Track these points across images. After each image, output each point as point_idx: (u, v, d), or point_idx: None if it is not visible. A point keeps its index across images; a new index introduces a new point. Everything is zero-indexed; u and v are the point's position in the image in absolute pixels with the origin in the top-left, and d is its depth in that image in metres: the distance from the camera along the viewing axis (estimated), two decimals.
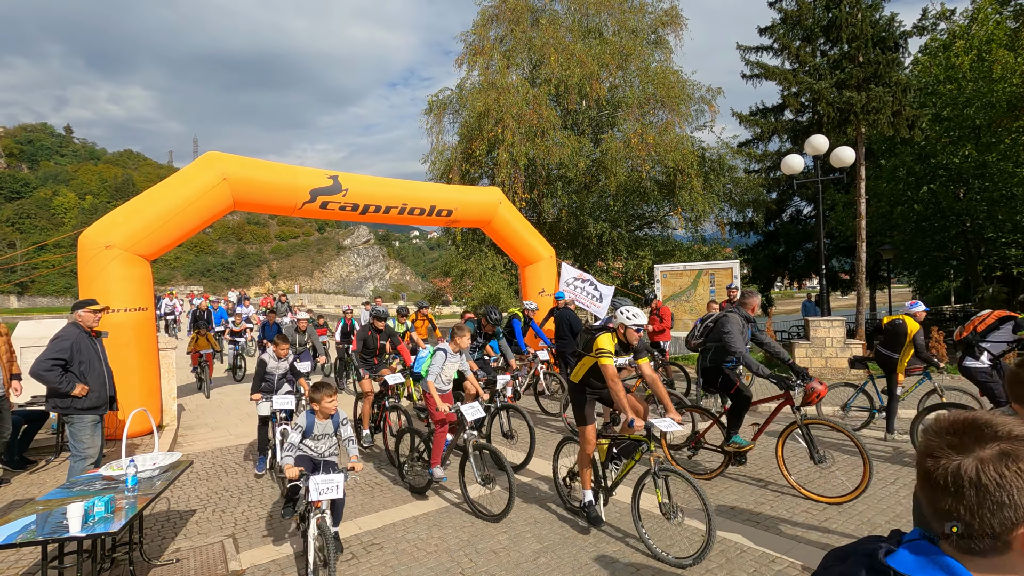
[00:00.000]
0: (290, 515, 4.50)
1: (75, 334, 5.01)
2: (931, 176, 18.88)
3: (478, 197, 11.91)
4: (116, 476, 4.03)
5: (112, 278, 7.30)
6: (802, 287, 30.48)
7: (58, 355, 4.84)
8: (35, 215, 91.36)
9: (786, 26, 19.31)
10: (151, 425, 5.82)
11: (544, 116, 16.68)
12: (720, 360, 5.64)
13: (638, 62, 18.06)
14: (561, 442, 5.18)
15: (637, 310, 4.53)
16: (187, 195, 7.99)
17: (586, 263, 19.16)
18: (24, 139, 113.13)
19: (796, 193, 23.43)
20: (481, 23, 18.94)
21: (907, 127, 16.39)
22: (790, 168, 11.81)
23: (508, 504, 4.73)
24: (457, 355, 5.68)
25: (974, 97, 16.69)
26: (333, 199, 9.58)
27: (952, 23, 19.28)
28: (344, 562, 4.19)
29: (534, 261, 12.50)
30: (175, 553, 4.41)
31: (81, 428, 4.98)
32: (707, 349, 5.86)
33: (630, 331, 4.47)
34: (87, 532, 3.19)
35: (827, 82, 17.30)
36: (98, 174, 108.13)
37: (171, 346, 8.95)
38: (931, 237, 20.34)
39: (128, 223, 7.57)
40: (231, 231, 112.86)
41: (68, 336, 4.97)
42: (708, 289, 12.30)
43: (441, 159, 18.71)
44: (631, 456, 4.46)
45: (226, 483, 6.13)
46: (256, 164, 9.02)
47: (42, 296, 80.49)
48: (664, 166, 17.37)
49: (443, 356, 5.54)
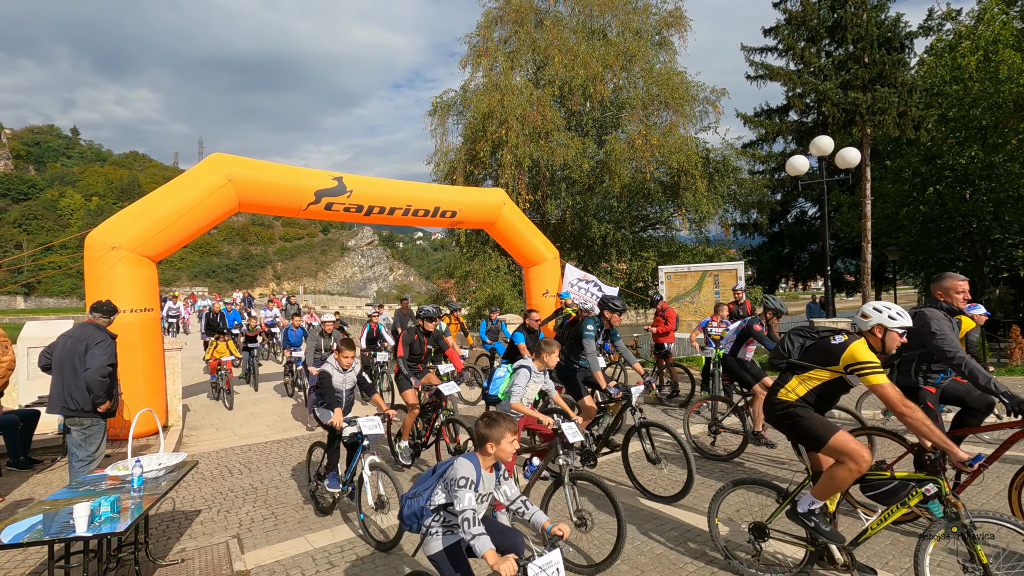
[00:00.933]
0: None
1: (111, 337, 5.03)
2: (937, 177, 18.79)
3: (482, 198, 11.92)
4: (122, 476, 4.05)
5: (118, 279, 7.33)
6: (807, 289, 30.34)
7: (113, 360, 4.90)
8: (42, 216, 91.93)
9: (791, 27, 19.27)
10: (156, 426, 5.85)
11: (548, 117, 16.69)
12: (915, 380, 4.17)
13: (642, 63, 18.04)
14: (723, 489, 3.86)
15: None
16: (192, 197, 8.03)
17: (590, 264, 19.14)
18: (31, 141, 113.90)
19: (801, 194, 23.37)
20: (485, 25, 18.97)
21: (913, 128, 16.33)
22: (795, 169, 11.77)
23: (613, 552, 3.72)
24: (542, 374, 4.85)
25: (980, 98, 16.60)
26: (337, 200, 9.61)
27: (958, 23, 19.19)
28: (348, 563, 4.19)
29: (538, 262, 12.50)
30: (180, 553, 4.42)
31: (99, 431, 4.96)
32: (894, 365, 4.33)
33: None
34: (93, 532, 3.20)
35: (832, 83, 17.25)
36: (104, 175, 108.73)
37: (176, 346, 8.98)
38: (937, 238, 20.23)
39: (134, 224, 7.61)
40: (236, 232, 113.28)
41: (112, 341, 4.99)
42: (712, 291, 12.26)
43: (445, 160, 18.73)
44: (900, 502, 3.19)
45: (231, 484, 6.15)
46: (261, 166, 9.06)
47: (48, 297, 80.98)
48: (668, 167, 17.34)
49: (527, 375, 4.66)
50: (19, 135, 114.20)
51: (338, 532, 4.74)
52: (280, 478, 6.28)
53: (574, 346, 6.26)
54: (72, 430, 4.87)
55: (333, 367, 5.28)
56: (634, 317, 24.24)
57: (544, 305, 11.87)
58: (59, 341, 4.96)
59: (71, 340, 4.91)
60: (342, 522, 4.96)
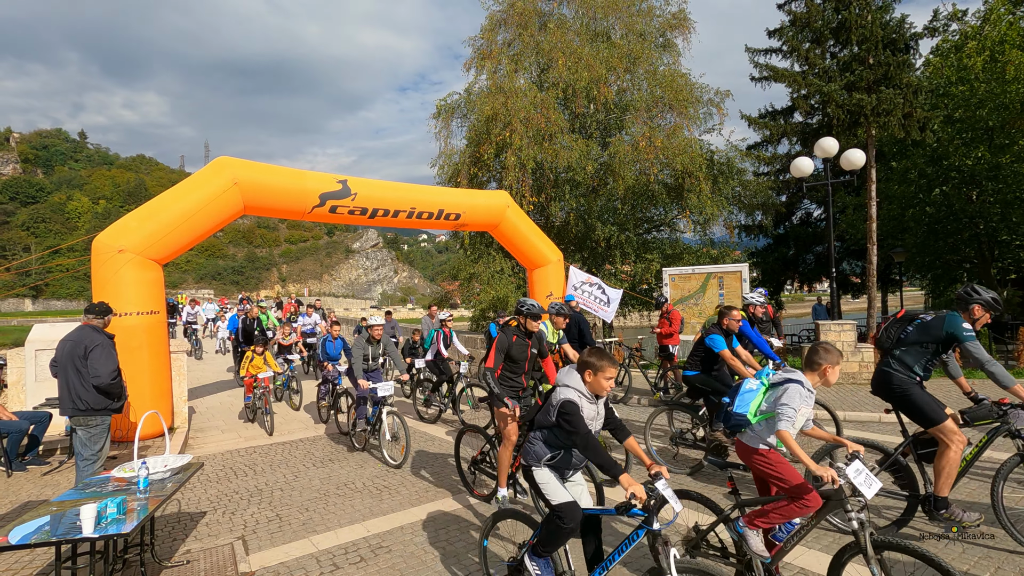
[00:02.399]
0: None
1: (109, 338, 5.11)
2: (943, 178, 18.68)
3: (486, 201, 11.95)
4: (128, 478, 4.08)
5: (125, 282, 7.39)
6: (812, 290, 30.26)
7: (116, 362, 5.02)
8: (50, 219, 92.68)
9: (795, 28, 19.25)
10: (162, 427, 5.89)
11: (552, 120, 16.70)
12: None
13: (646, 65, 18.04)
14: None
15: None
16: (198, 200, 8.08)
17: (594, 266, 19.13)
18: (39, 144, 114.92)
19: (806, 196, 23.29)
20: (489, 27, 19.02)
21: (918, 129, 16.26)
22: (799, 171, 11.74)
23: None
24: (812, 394, 3.41)
25: (987, 98, 16.51)
26: (342, 203, 9.65)
27: (964, 24, 19.11)
28: (352, 564, 4.21)
29: (542, 265, 12.50)
30: (186, 555, 4.44)
31: (103, 431, 5.05)
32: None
33: None
34: (100, 533, 3.23)
35: (837, 84, 17.20)
36: (111, 179, 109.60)
37: (182, 348, 9.04)
38: (944, 240, 20.11)
39: (141, 227, 7.67)
40: (241, 235, 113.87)
41: (110, 342, 5.08)
42: (717, 293, 12.23)
43: (449, 163, 18.78)
44: None
45: (236, 485, 6.18)
46: (266, 169, 9.11)
47: (56, 299, 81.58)
48: (672, 169, 17.32)
49: (802, 394, 3.31)
50: (28, 139, 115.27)
51: (342, 534, 4.76)
52: (284, 480, 6.31)
53: None
54: (78, 430, 4.97)
55: None
56: (638, 319, 24.19)
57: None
58: (59, 346, 5.08)
59: (69, 344, 5.03)
60: (346, 524, 4.98)
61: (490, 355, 4.99)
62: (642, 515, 2.83)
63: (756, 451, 3.45)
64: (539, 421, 3.26)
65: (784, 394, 3.35)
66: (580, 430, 2.97)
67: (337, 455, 7.32)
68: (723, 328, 5.88)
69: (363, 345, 7.44)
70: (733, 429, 3.65)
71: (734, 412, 3.61)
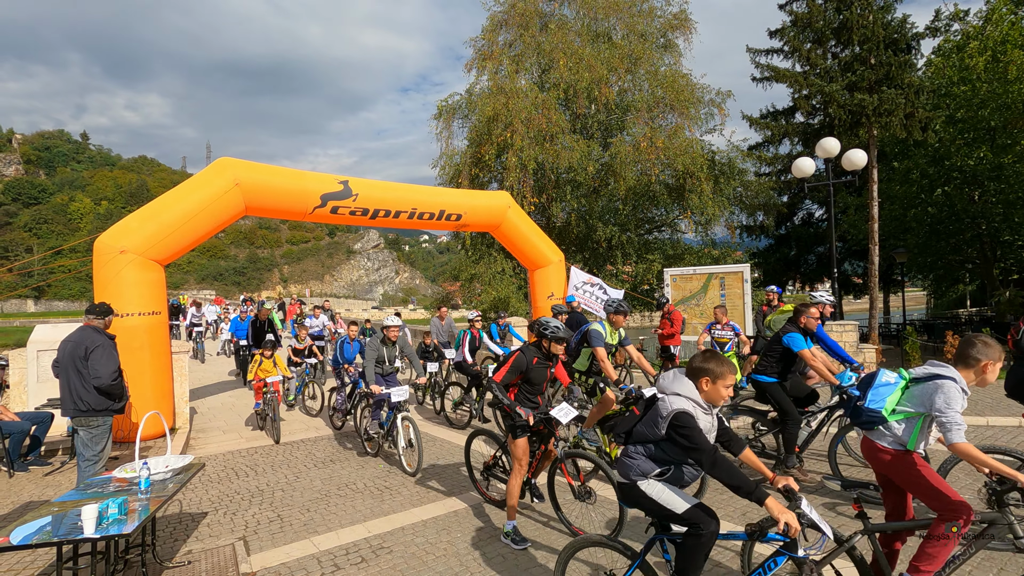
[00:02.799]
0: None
1: (110, 339, 5.13)
2: (945, 178, 18.66)
3: (487, 201, 11.95)
4: (129, 478, 4.08)
5: (126, 282, 7.40)
6: (814, 291, 30.19)
7: (118, 363, 5.04)
8: (52, 220, 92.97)
9: (796, 28, 19.25)
10: (164, 428, 5.89)
11: (553, 120, 16.71)
12: None
13: (647, 66, 18.05)
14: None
15: None
16: (200, 200, 8.09)
17: (595, 267, 19.13)
18: (42, 146, 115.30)
19: (807, 196, 23.29)
20: (490, 28, 19.04)
21: (920, 129, 16.26)
22: (801, 171, 11.74)
23: None
24: (966, 395, 3.01)
25: (989, 98, 16.49)
26: (344, 204, 9.66)
27: (966, 24, 19.09)
28: (353, 565, 4.20)
29: (543, 265, 12.50)
30: (187, 555, 4.44)
31: (104, 431, 5.06)
32: None
33: None
34: (101, 534, 3.22)
35: (838, 84, 17.19)
36: (113, 180, 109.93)
37: (184, 349, 9.04)
38: (946, 240, 20.08)
39: (142, 228, 7.68)
40: (243, 236, 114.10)
41: (110, 343, 5.10)
42: (718, 293, 12.22)
43: (450, 164, 18.80)
44: None
45: (237, 486, 6.18)
46: (268, 169, 9.12)
47: (58, 300, 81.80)
48: (673, 170, 17.33)
49: (958, 393, 2.91)
50: (30, 140, 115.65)
51: (343, 535, 4.76)
52: (286, 480, 6.31)
53: None
54: (80, 431, 4.98)
55: None
56: (640, 320, 24.18)
57: (549, 308, 11.87)
58: (60, 347, 5.11)
59: (71, 344, 5.05)
60: (347, 525, 4.98)
61: (501, 371, 4.64)
62: (782, 540, 2.57)
63: (892, 452, 3.07)
64: (640, 433, 2.87)
65: (941, 398, 2.90)
66: (703, 446, 2.60)
67: (338, 456, 7.32)
68: (800, 326, 5.41)
69: (377, 347, 7.00)
70: (863, 425, 3.27)
71: (866, 408, 3.20)
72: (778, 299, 9.10)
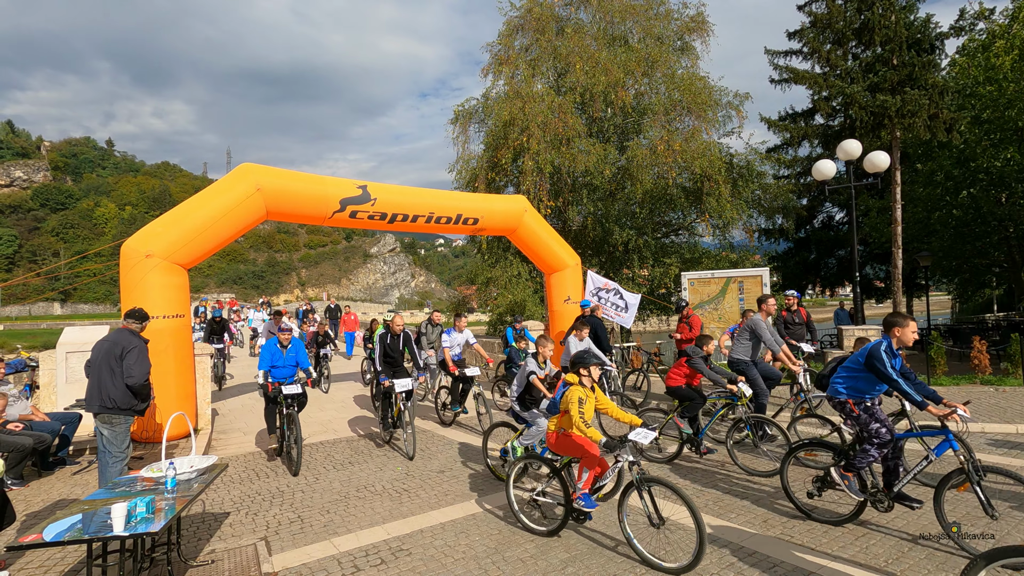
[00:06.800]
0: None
1: (144, 343, 5.32)
2: (971, 180, 18.25)
3: (503, 205, 11.98)
4: (156, 478, 4.16)
5: (152, 286, 7.56)
6: (835, 295, 29.69)
7: (150, 366, 5.23)
8: (78, 225, 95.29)
9: (816, 29, 19.00)
10: (188, 428, 6.00)
11: (569, 124, 16.70)
12: None
13: (664, 69, 17.96)
14: None
15: None
16: (223, 206, 8.24)
17: (612, 271, 19.05)
18: (68, 153, 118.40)
19: (828, 199, 22.92)
20: (507, 33, 19.12)
21: (945, 130, 15.92)
22: (821, 174, 11.57)
23: None
24: None
25: (1016, 98, 16.10)
26: (362, 208, 9.76)
27: (991, 23, 18.68)
28: (373, 567, 4.24)
29: (559, 269, 12.49)
30: (210, 554, 4.52)
31: (126, 430, 5.19)
32: None
33: None
34: (130, 532, 3.30)
35: (859, 85, 16.93)
36: (137, 185, 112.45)
37: (206, 351, 9.19)
38: (971, 243, 19.62)
39: (167, 233, 7.84)
40: (262, 240, 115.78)
41: (145, 346, 5.28)
42: (737, 297, 12.09)
43: (467, 168, 18.88)
44: None
45: (258, 487, 6.26)
46: (288, 175, 9.26)
47: (83, 303, 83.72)
48: (691, 173, 17.20)
49: None
50: (57, 147, 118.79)
51: (363, 536, 4.80)
52: (306, 481, 6.38)
53: None
54: (103, 429, 5.11)
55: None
56: (657, 324, 24.00)
57: (566, 312, 11.85)
58: (95, 346, 5.25)
59: (107, 343, 5.20)
60: (367, 527, 5.02)
61: None
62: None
63: None
64: None
65: None
66: None
67: (357, 458, 7.38)
68: None
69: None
70: None
71: None
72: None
